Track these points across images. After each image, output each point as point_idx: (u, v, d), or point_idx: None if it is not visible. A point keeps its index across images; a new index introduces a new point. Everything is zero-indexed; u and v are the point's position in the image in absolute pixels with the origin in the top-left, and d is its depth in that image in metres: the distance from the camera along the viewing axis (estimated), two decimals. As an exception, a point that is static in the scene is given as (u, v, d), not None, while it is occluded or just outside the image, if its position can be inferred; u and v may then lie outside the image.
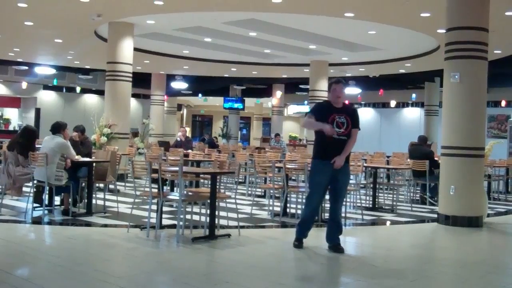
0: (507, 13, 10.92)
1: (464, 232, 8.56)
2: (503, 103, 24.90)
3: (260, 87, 29.44)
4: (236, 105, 29.78)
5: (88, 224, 8.08)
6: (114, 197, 9.56)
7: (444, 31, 9.63)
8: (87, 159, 9.20)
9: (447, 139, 9.32)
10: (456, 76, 9.10)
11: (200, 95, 31.40)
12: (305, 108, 28.97)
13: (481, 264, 6.56)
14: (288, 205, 9.29)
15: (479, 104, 9.23)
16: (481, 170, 9.38)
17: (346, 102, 7.42)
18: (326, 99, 7.09)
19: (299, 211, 9.14)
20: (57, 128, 8.72)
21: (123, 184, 12.38)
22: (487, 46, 9.22)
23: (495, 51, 14.56)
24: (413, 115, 27.52)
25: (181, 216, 7.21)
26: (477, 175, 9.16)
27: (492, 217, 10.08)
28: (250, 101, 32.32)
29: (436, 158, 11.79)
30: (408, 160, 12.23)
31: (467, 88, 9.09)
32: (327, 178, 6.55)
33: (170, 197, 7.65)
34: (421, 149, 12.13)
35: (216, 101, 33.02)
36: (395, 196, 11.21)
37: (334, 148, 6.49)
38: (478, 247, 7.94)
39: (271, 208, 9.28)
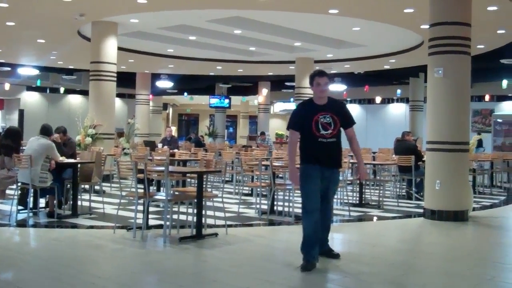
0: (489, 8, 10.98)
1: (450, 226, 8.61)
2: (487, 97, 25.08)
3: (246, 85, 29.42)
4: (222, 103, 29.72)
5: (74, 226, 8.02)
6: (99, 198, 9.51)
7: (427, 26, 9.69)
8: (72, 160, 9.14)
9: (432, 134, 9.37)
10: (440, 71, 9.15)
11: (185, 94, 31.30)
12: (291, 106, 28.96)
13: (468, 258, 6.61)
14: (275, 203, 9.28)
15: (463, 99, 9.29)
16: (466, 165, 9.44)
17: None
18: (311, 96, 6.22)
19: (286, 209, 9.15)
20: (48, 130, 8.69)
21: (108, 185, 12.31)
22: (470, 41, 9.29)
23: (478, 46, 14.64)
24: (398, 110, 27.63)
25: (168, 216, 7.18)
26: (462, 170, 9.21)
27: (477, 211, 10.15)
28: (236, 99, 32.27)
29: (418, 146, 11.94)
30: (394, 155, 12.28)
31: (451, 83, 9.14)
32: (318, 184, 5.77)
33: (156, 197, 7.62)
34: (405, 144, 12.21)
35: (202, 100, 32.96)
36: (381, 191, 11.25)
37: (324, 153, 5.76)
38: (464, 241, 7.99)
39: (258, 206, 9.27)
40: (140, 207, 7.44)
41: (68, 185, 9.00)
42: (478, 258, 6.62)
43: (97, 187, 10.72)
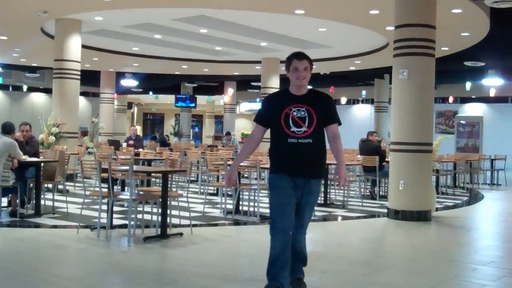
0: (453, 11, 11.16)
1: (413, 226, 8.72)
2: (451, 99, 25.51)
3: (211, 85, 29.36)
4: (188, 103, 29.59)
5: (37, 226, 7.88)
6: (63, 198, 9.37)
7: (392, 28, 9.79)
8: (35, 159, 8.98)
9: (396, 135, 9.47)
10: (405, 73, 9.26)
11: (151, 93, 31.10)
12: (257, 106, 28.99)
13: (430, 257, 6.69)
14: (240, 202, 9.27)
15: (427, 100, 9.41)
16: (429, 165, 9.57)
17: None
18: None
19: (251, 209, 9.15)
20: (11, 129, 8.53)
21: (72, 184, 12.14)
22: (434, 43, 9.42)
23: (442, 48, 14.87)
24: (363, 111, 27.92)
25: (132, 216, 7.11)
26: (425, 170, 9.34)
27: (440, 211, 10.30)
28: (202, 99, 32.17)
29: (383, 149, 12.16)
30: (359, 156, 12.39)
31: (415, 84, 9.26)
32: (290, 196, 4.57)
33: (120, 196, 7.54)
34: (368, 145, 12.35)
35: (168, 99, 32.77)
36: (346, 192, 11.33)
37: (294, 157, 4.54)
38: (427, 240, 8.10)
39: (223, 206, 9.25)
40: (104, 207, 7.35)
41: (31, 184, 8.84)
42: (441, 258, 6.71)
43: (60, 186, 10.57)
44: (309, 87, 4.82)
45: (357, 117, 28.00)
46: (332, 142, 4.77)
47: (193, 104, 29.72)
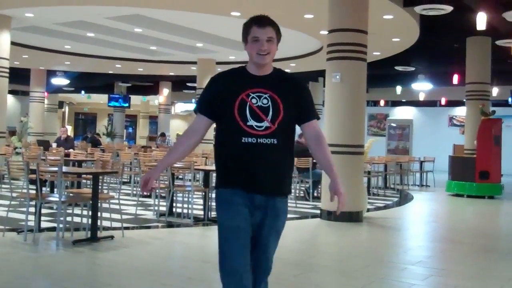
0: (384, 17, 11.42)
1: (345, 227, 8.85)
2: (382, 102, 26.10)
3: (146, 85, 28.98)
4: (121, 103, 29.09)
5: (-41, 229, 7.54)
6: (-12, 200, 9.02)
7: (326, 32, 9.92)
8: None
9: (329, 137, 9.58)
10: (337, 76, 9.40)
11: (83, 92, 30.41)
12: (193, 106, 28.83)
13: (361, 257, 6.81)
14: (174, 204, 9.18)
15: (359, 103, 9.59)
16: (361, 167, 9.75)
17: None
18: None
19: (185, 210, 9.06)
20: None
21: (-2, 185, 11.72)
22: (366, 48, 9.59)
23: (374, 53, 15.19)
24: (298, 113, 28.18)
25: (61, 218, 6.91)
26: (357, 172, 9.50)
27: (371, 212, 10.51)
28: (136, 99, 31.70)
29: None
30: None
31: (347, 88, 9.41)
32: (245, 218, 3.16)
33: (49, 198, 7.32)
34: (298, 146, 12.46)
35: (100, 99, 32.14)
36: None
37: (250, 163, 3.10)
38: (358, 241, 8.24)
39: (156, 208, 9.13)
40: (32, 209, 7.11)
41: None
42: (371, 258, 6.84)
43: (-15, 188, 10.19)
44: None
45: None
46: (316, 146, 3.38)
47: (126, 104, 29.24)
